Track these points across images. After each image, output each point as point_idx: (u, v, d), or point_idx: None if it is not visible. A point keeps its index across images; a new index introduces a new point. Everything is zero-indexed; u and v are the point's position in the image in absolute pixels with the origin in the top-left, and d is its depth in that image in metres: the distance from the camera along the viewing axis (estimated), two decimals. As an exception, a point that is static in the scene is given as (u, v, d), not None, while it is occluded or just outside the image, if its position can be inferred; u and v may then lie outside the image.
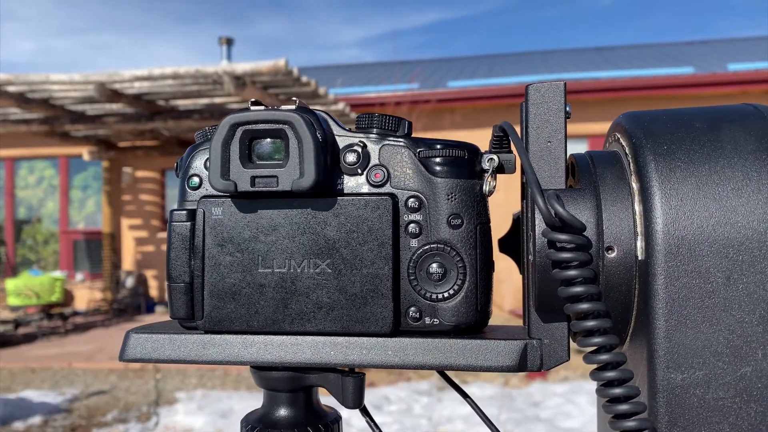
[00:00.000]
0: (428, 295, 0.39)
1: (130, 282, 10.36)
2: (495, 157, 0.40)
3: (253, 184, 0.38)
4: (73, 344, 7.80)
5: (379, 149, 0.40)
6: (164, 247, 12.14)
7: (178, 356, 0.40)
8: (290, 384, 0.41)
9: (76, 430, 4.81)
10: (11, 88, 6.76)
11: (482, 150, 0.42)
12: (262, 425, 0.41)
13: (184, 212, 0.41)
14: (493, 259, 0.41)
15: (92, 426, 4.90)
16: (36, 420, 5.00)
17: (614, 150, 0.39)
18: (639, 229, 0.35)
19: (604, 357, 0.31)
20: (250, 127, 0.38)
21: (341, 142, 0.40)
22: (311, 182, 0.37)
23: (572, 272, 0.32)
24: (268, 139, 0.39)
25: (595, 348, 0.32)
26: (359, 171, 0.40)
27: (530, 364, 0.37)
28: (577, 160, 0.39)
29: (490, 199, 0.41)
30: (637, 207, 0.35)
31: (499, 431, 0.45)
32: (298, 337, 0.39)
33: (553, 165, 0.38)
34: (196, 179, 0.42)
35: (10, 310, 9.43)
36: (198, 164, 0.42)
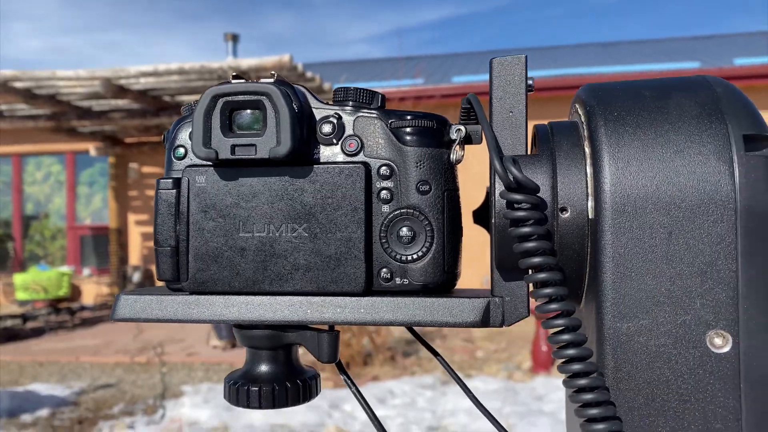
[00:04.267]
0: (398, 256, 0.41)
1: (137, 277, 10.42)
2: (462, 128, 0.43)
3: (233, 152, 0.41)
4: (81, 338, 7.86)
5: (354, 120, 0.43)
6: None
7: (164, 315, 0.42)
8: (270, 342, 0.44)
9: (83, 423, 4.85)
10: (18, 84, 6.81)
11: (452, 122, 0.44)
12: (244, 380, 0.44)
13: (170, 180, 0.43)
14: (462, 224, 0.43)
15: (99, 419, 4.94)
16: (43, 413, 5.05)
17: (574, 120, 0.41)
18: (590, 190, 0.37)
19: (553, 306, 0.34)
20: (230, 98, 0.41)
21: (318, 114, 0.43)
22: (287, 150, 0.40)
23: (526, 229, 0.35)
24: (248, 110, 0.41)
25: (547, 300, 0.35)
26: (334, 141, 0.42)
27: (492, 320, 0.40)
28: (539, 130, 0.41)
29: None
30: (589, 170, 0.37)
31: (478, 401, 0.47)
32: (277, 297, 0.42)
33: (514, 133, 0.40)
34: (181, 150, 0.44)
35: (18, 305, 9.50)
36: (183, 136, 0.44)
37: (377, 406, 5.06)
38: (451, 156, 0.42)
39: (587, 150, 0.38)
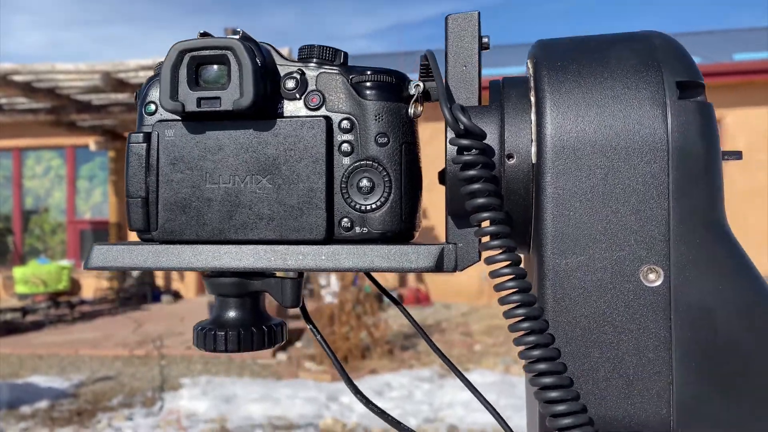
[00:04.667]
0: (358, 206, 0.43)
1: (136, 271, 10.43)
2: (421, 83, 0.44)
3: (198, 105, 0.42)
4: (80, 332, 7.88)
5: (316, 76, 0.44)
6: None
7: (135, 264, 0.44)
8: (237, 289, 0.46)
9: (82, 414, 4.88)
10: (18, 78, 6.82)
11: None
12: (212, 326, 0.46)
13: (141, 135, 0.45)
14: (421, 177, 0.45)
15: (98, 410, 4.96)
16: (43, 404, 5.07)
17: (526, 75, 0.43)
18: (533, 137, 0.39)
19: (495, 242, 0.35)
20: (195, 53, 0.42)
21: (282, 70, 0.45)
22: (250, 101, 0.42)
23: (472, 172, 0.36)
24: (214, 66, 0.43)
25: (490, 238, 0.36)
26: (297, 96, 0.44)
27: (446, 265, 0.41)
28: (491, 84, 0.43)
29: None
30: (533, 117, 0.39)
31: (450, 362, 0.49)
32: (243, 245, 0.44)
33: (468, 87, 0.42)
34: (152, 106, 0.46)
35: (18, 298, 9.53)
36: (154, 93, 0.46)
37: (375, 399, 5.08)
38: (410, 110, 0.44)
39: (533, 99, 0.39)
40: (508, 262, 0.35)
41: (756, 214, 9.54)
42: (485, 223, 0.38)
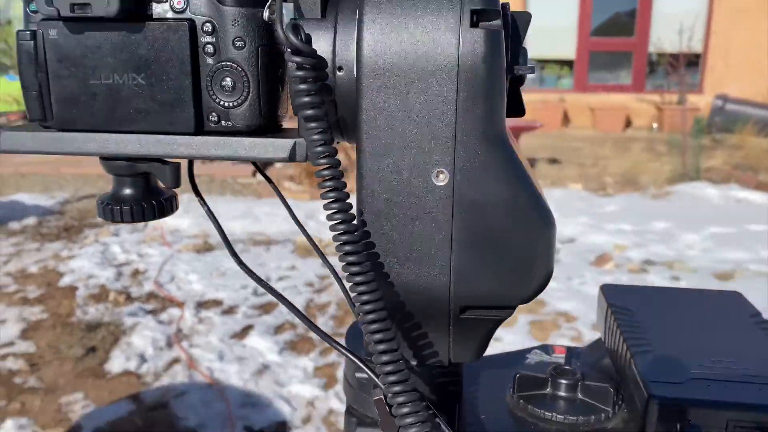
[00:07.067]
0: (222, 103, 0.50)
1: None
2: None
3: (72, 11, 0.47)
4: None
5: None
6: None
7: (38, 148, 0.51)
8: (128, 170, 0.53)
9: (69, 230, 5.12)
10: None
11: None
12: (111, 201, 0.54)
13: (28, 32, 0.50)
14: (280, 77, 0.51)
15: (84, 227, 5.20)
16: (30, 221, 5.29)
17: None
18: (357, 53, 0.45)
19: (323, 161, 0.42)
20: None
21: None
22: (116, 9, 0.46)
23: (302, 86, 0.43)
24: None
25: (316, 138, 0.43)
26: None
27: (298, 156, 0.49)
28: None
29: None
30: (356, 35, 0.45)
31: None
32: (127, 134, 0.51)
33: (312, 1, 0.47)
34: (35, 5, 0.50)
35: (-7, 117, 9.45)
36: None
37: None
38: (264, 14, 0.49)
39: (357, 17, 0.45)
40: (325, 153, 0.42)
41: (742, 35, 9.38)
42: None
